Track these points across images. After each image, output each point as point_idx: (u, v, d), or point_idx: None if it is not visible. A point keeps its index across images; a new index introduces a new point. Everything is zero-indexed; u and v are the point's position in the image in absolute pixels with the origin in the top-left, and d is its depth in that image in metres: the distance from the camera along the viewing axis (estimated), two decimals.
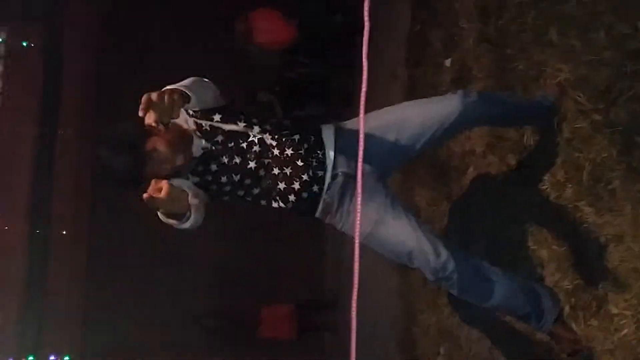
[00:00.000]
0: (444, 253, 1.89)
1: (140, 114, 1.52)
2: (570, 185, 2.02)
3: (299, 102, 5.39)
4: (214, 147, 1.92)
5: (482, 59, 2.78)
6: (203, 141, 1.92)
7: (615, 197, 1.81)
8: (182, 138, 1.88)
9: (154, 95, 1.53)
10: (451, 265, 1.89)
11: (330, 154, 1.96)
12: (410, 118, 1.98)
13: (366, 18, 1.12)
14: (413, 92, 3.72)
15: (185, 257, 6.13)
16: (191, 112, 1.93)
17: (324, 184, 1.95)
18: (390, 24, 4.28)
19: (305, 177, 1.94)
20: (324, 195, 1.96)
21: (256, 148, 1.94)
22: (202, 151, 1.92)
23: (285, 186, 1.95)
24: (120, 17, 6.00)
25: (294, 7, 5.06)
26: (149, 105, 1.52)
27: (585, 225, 1.94)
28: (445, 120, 1.94)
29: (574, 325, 1.96)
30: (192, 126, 1.92)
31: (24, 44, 5.39)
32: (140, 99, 1.52)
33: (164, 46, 6.03)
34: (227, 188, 1.96)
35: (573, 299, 1.98)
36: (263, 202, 1.99)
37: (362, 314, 1.36)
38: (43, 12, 5.30)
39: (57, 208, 5.32)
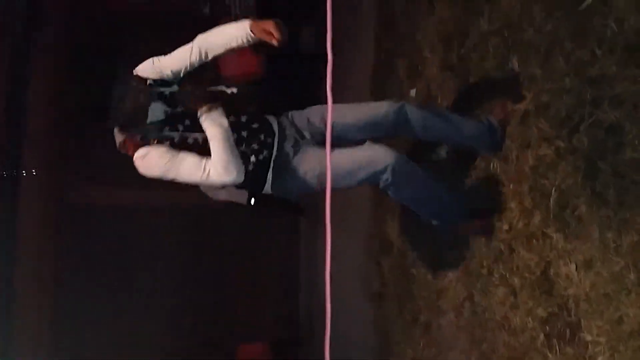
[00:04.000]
0: (394, 151, 2.17)
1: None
2: (537, 212, 2.02)
3: None
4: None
5: (446, 87, 2.80)
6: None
7: (582, 222, 1.81)
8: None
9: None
10: (403, 159, 2.16)
11: (274, 125, 2.26)
12: (347, 114, 2.27)
13: (329, 53, 1.11)
14: None
15: (156, 296, 6.00)
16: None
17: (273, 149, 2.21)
18: (355, 54, 4.31)
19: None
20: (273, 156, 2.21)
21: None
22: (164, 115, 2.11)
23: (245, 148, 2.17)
24: (86, 53, 5.92)
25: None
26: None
27: (554, 252, 1.93)
28: (374, 120, 2.24)
29: (548, 354, 1.94)
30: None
31: None
32: None
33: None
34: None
35: (547, 327, 1.96)
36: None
37: (337, 346, 1.31)
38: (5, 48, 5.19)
39: (22, 219, 5.18)
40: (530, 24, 2.10)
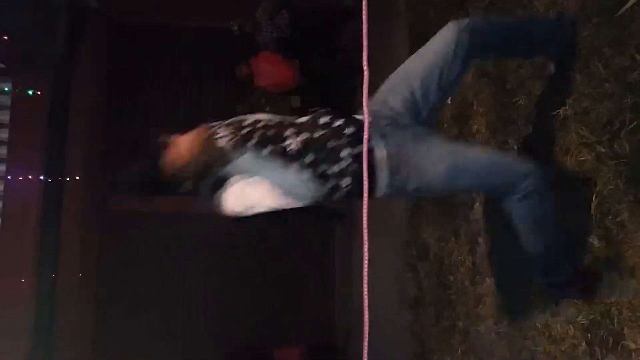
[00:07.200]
0: (530, 161, 1.86)
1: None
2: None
3: None
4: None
5: (482, 95, 2.79)
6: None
7: (624, 229, 1.79)
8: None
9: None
10: (539, 174, 1.80)
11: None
12: (413, 67, 1.99)
13: (365, 67, 1.13)
14: None
15: (195, 301, 6.13)
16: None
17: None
18: (390, 63, 4.32)
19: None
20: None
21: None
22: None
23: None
24: (124, 68, 6.14)
25: (294, 50, 5.16)
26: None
27: (597, 260, 1.91)
28: (447, 53, 1.92)
29: None
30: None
31: (30, 92, 5.46)
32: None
33: (167, 96, 6.15)
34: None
35: (589, 335, 1.94)
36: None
37: (373, 352, 1.33)
38: (49, 62, 5.40)
39: (65, 224, 5.38)
40: None
